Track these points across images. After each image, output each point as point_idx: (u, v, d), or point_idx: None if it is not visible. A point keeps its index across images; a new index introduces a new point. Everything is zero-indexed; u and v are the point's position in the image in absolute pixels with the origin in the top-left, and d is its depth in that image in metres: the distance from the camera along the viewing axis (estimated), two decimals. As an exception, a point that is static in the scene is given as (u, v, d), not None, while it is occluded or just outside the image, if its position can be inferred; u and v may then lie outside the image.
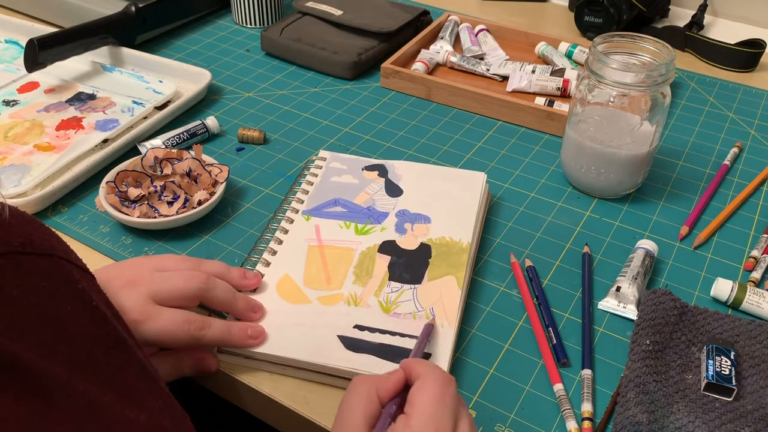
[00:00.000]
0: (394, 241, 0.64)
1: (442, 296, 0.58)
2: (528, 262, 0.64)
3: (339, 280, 0.60)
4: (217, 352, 0.55)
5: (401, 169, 0.72)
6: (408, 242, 0.64)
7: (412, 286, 0.60)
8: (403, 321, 0.56)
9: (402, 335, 0.55)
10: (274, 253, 0.63)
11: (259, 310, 0.57)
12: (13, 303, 0.31)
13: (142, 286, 0.52)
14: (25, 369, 0.30)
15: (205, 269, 0.56)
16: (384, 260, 0.62)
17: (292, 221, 0.66)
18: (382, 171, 0.72)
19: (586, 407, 0.52)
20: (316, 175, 0.72)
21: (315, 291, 0.59)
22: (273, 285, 0.60)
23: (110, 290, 0.47)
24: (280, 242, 0.64)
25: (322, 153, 0.75)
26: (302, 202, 0.68)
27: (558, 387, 0.53)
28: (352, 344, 0.54)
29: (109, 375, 0.34)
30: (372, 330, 0.56)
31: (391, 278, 0.60)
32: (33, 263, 0.33)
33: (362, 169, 0.72)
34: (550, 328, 0.58)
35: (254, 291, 0.59)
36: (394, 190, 0.70)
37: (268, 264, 0.62)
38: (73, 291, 0.35)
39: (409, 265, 0.61)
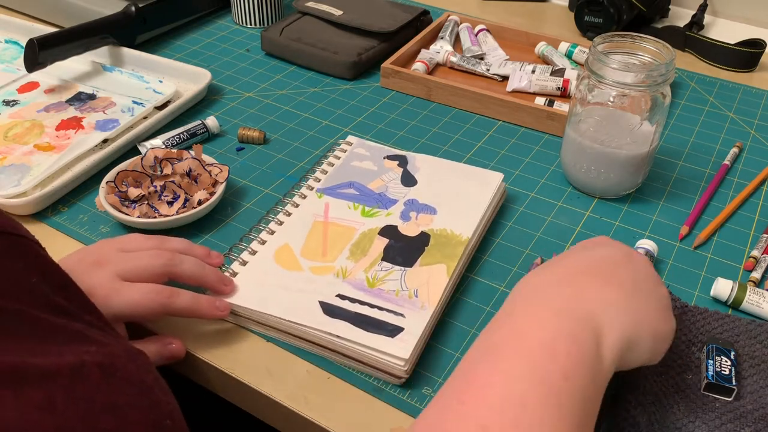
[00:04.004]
0: (396, 226, 0.65)
1: (429, 280, 0.60)
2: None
3: (334, 254, 0.62)
4: None
5: (421, 162, 0.74)
6: (409, 229, 0.65)
7: (403, 268, 0.61)
8: (385, 296, 0.58)
9: (380, 309, 0.57)
10: (281, 223, 0.66)
11: (230, 283, 0.58)
12: None
13: (108, 266, 0.53)
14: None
15: (168, 246, 0.58)
16: (382, 242, 0.64)
17: (305, 197, 0.69)
18: (402, 161, 0.74)
19: None
20: (339, 158, 0.74)
21: (309, 261, 0.62)
22: (272, 251, 0.62)
23: (78, 271, 0.49)
24: (289, 214, 0.67)
25: (350, 138, 0.78)
26: (319, 180, 0.71)
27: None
28: (329, 310, 0.56)
29: (63, 326, 0.35)
30: (353, 300, 0.57)
31: (384, 259, 0.62)
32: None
33: (384, 158, 0.74)
34: None
35: (253, 255, 0.62)
36: (409, 180, 0.71)
37: (272, 233, 0.64)
38: (37, 263, 0.36)
39: (404, 250, 0.63)
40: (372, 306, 0.57)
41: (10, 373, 0.29)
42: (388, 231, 0.65)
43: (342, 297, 0.58)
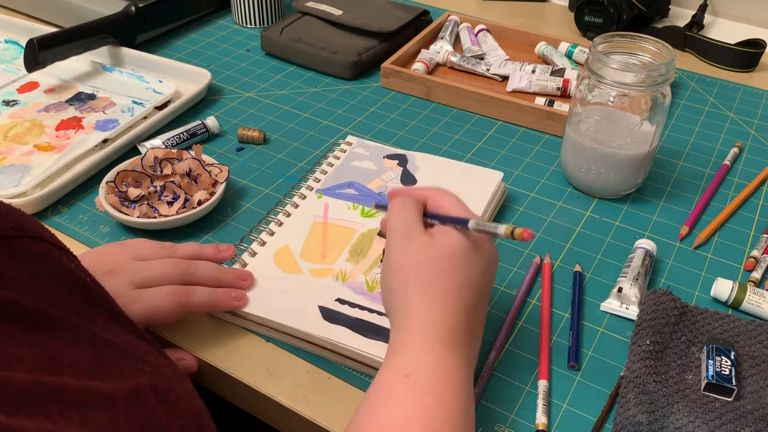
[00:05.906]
0: None
1: None
2: (578, 267, 0.64)
3: (333, 256, 0.62)
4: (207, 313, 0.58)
5: (421, 161, 0.74)
6: None
7: None
8: None
9: (380, 314, 0.56)
10: (281, 224, 0.66)
11: (249, 277, 0.59)
12: (10, 285, 0.32)
13: (123, 275, 0.53)
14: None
15: (181, 254, 0.58)
16: (382, 243, 0.64)
17: (304, 197, 0.69)
18: (402, 161, 0.74)
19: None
20: (339, 158, 0.75)
21: (308, 263, 0.62)
22: (271, 253, 0.62)
23: None
24: (289, 215, 0.67)
25: (350, 138, 0.78)
26: (319, 181, 0.71)
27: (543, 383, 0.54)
28: (329, 315, 0.56)
29: (112, 340, 0.35)
30: (352, 305, 0.57)
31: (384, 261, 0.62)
32: (26, 246, 0.34)
33: (383, 157, 0.75)
34: (572, 332, 0.58)
35: (253, 256, 0.62)
36: (408, 179, 0.72)
37: (272, 233, 0.64)
38: (64, 271, 0.36)
39: None
40: (371, 311, 0.57)
41: (74, 398, 0.30)
42: None
43: (342, 301, 0.58)
